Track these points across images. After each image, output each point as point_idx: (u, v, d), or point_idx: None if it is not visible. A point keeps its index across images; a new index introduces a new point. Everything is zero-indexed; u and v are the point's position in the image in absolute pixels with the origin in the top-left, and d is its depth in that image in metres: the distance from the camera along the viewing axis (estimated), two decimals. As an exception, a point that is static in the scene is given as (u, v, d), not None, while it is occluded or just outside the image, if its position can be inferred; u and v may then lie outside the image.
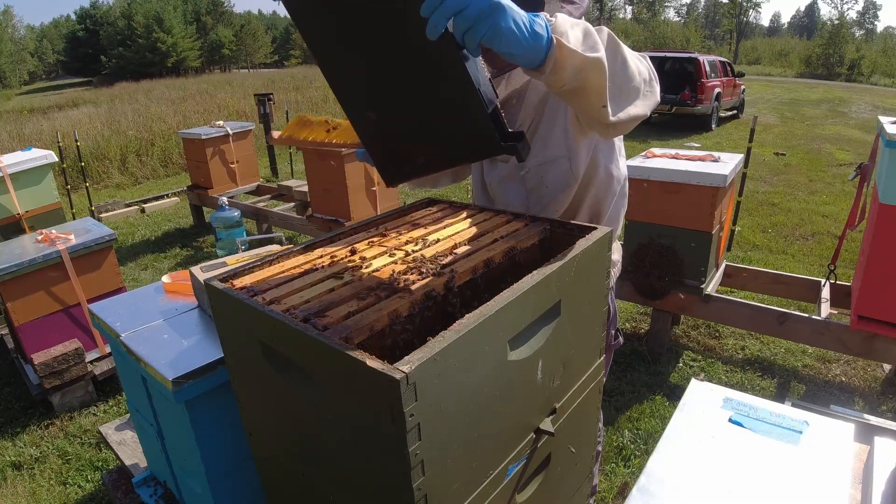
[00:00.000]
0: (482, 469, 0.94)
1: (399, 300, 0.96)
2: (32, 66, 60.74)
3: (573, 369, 1.17)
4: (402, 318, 0.96)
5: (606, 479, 2.47)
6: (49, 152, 3.92)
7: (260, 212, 5.40)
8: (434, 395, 0.78)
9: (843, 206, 6.24)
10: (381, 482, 0.85)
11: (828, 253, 4.88)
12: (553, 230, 1.24)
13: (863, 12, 77.16)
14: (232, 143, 5.95)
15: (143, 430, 1.76)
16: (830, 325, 2.88)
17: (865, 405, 2.94)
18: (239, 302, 0.96)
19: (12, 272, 2.83)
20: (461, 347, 0.81)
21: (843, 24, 42.25)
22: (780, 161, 8.76)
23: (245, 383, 1.11)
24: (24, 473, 2.65)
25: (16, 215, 3.71)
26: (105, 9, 57.75)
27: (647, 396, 3.01)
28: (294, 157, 8.15)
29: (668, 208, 3.15)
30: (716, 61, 12.59)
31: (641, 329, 3.76)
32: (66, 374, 2.96)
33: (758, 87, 22.68)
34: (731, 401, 1.16)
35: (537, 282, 0.95)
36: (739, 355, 3.45)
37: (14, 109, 20.10)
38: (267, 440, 1.14)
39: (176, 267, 5.15)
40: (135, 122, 11.37)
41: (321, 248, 1.22)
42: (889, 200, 2.57)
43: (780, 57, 45.91)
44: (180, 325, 1.54)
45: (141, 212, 7.11)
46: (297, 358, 0.89)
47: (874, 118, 7.80)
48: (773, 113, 15.02)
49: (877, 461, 1.00)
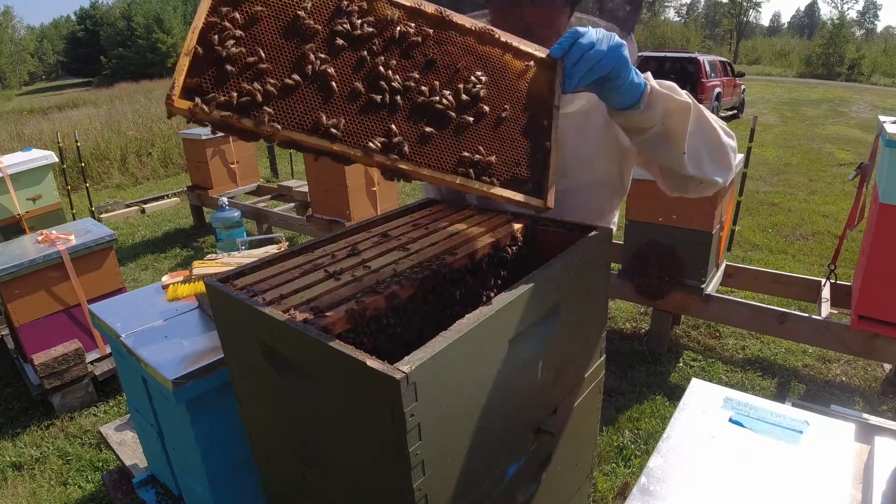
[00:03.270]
0: (482, 469, 0.94)
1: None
2: (32, 66, 60.78)
3: (573, 369, 1.17)
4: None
5: (606, 479, 2.47)
6: (49, 153, 3.92)
7: (260, 212, 5.40)
8: (434, 395, 0.78)
9: (843, 205, 6.24)
10: (382, 482, 0.85)
11: (828, 253, 4.88)
12: (553, 230, 1.24)
13: (863, 12, 77.17)
14: (232, 144, 5.95)
15: (143, 430, 1.76)
16: (831, 325, 2.88)
17: (866, 405, 2.94)
18: (239, 302, 0.96)
19: (12, 272, 2.84)
20: (461, 347, 0.81)
21: (843, 23, 42.22)
22: (780, 161, 8.76)
23: (245, 383, 1.11)
24: (24, 474, 2.65)
25: (16, 216, 3.71)
26: (105, 9, 57.77)
27: (648, 396, 3.01)
28: (294, 158, 8.15)
29: (669, 208, 3.15)
30: (716, 61, 12.60)
31: (641, 329, 3.76)
32: (66, 374, 2.96)
33: (758, 87, 22.68)
34: (731, 401, 1.16)
35: (537, 282, 0.95)
36: (739, 355, 3.45)
37: (14, 110, 20.13)
38: (267, 440, 1.14)
39: (176, 267, 5.15)
40: (135, 122, 11.37)
41: (321, 248, 1.22)
42: (889, 200, 2.57)
43: (780, 57, 45.90)
44: (180, 326, 1.54)
45: (141, 212, 7.11)
46: (297, 358, 0.89)
47: (874, 118, 7.80)
48: (773, 113, 15.02)
49: (877, 461, 1.00)
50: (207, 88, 0.82)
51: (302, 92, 0.88)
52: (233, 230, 2.83)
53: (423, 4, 0.97)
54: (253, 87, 0.84)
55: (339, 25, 0.91)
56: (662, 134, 1.07)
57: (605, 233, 1.16)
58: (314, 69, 0.88)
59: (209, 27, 0.84)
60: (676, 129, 1.06)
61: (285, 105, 0.87)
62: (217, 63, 0.83)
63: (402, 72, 0.95)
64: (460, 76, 0.99)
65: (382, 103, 0.93)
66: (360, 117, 0.92)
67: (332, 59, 0.90)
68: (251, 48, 0.86)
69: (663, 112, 1.03)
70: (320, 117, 0.88)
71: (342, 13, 0.92)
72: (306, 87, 0.88)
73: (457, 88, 0.99)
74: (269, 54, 0.87)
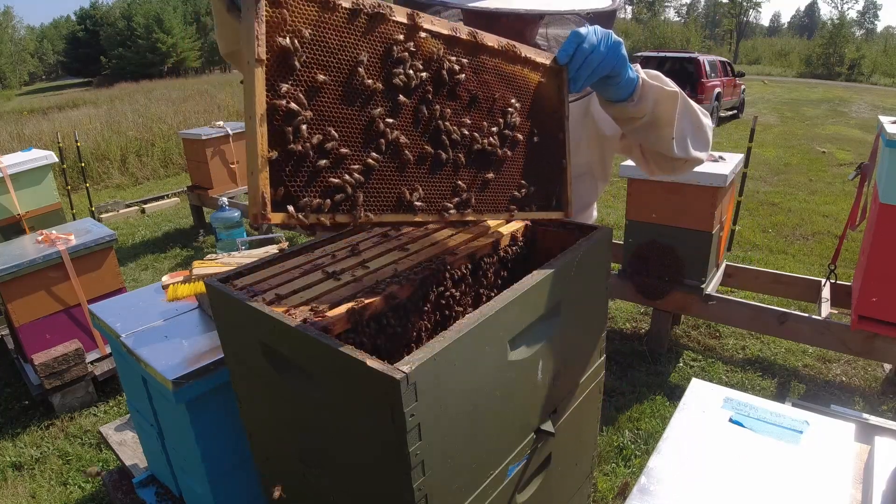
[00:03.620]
0: (482, 469, 0.94)
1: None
2: (32, 66, 60.77)
3: (573, 369, 1.17)
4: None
5: (606, 479, 2.47)
6: (49, 153, 3.92)
7: (260, 212, 5.39)
8: (434, 396, 0.78)
9: (843, 205, 6.24)
10: (382, 482, 0.85)
11: (828, 253, 4.88)
12: (553, 230, 1.24)
13: (863, 12, 77.16)
14: (232, 144, 5.94)
15: (143, 430, 1.76)
16: (831, 325, 2.88)
17: (866, 405, 2.94)
18: (239, 302, 0.96)
19: (12, 273, 2.84)
20: (461, 347, 0.81)
21: (843, 23, 42.21)
22: (780, 161, 8.76)
23: (245, 383, 1.11)
24: (24, 474, 2.65)
25: (16, 216, 3.71)
26: (105, 9, 57.77)
27: (647, 396, 3.01)
28: (294, 158, 8.14)
29: (669, 208, 3.15)
30: (716, 61, 12.60)
31: (641, 329, 3.76)
32: (66, 374, 2.96)
33: (758, 87, 22.68)
34: (731, 401, 1.16)
35: (537, 282, 0.95)
36: (740, 355, 3.45)
37: (14, 110, 20.11)
38: (267, 440, 1.14)
39: (176, 267, 5.15)
40: (135, 122, 11.37)
41: (321, 248, 1.22)
42: (889, 200, 2.57)
43: (780, 57, 45.90)
44: (180, 326, 1.54)
45: (141, 212, 7.11)
46: (297, 358, 0.89)
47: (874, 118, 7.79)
48: (773, 113, 15.02)
49: (877, 461, 1.00)
50: (296, 192, 0.75)
51: (381, 169, 0.83)
52: (233, 230, 2.83)
53: (458, 29, 0.92)
54: (342, 180, 0.78)
55: (396, 78, 0.84)
56: (652, 122, 1.12)
57: (605, 233, 1.16)
58: (387, 140, 0.83)
59: (272, 110, 0.72)
60: (666, 117, 1.12)
61: (370, 188, 0.82)
62: (297, 160, 0.75)
63: (454, 118, 0.92)
64: (498, 106, 0.98)
65: (447, 160, 0.91)
66: (430, 179, 0.89)
67: (398, 121, 0.85)
68: (324, 130, 0.77)
69: (654, 102, 1.09)
70: (403, 192, 0.85)
71: (394, 60, 0.84)
72: (384, 162, 0.83)
73: (498, 122, 0.98)
74: (340, 132, 0.78)
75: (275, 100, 0.72)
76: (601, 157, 1.40)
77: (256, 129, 0.70)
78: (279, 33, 0.72)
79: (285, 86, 0.73)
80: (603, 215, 6.17)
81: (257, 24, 0.69)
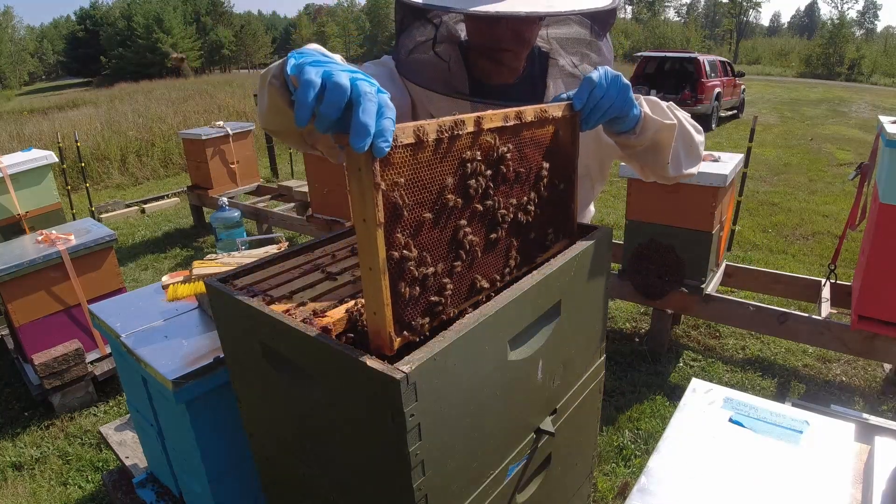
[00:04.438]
0: (482, 469, 0.94)
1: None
2: (32, 66, 60.82)
3: (573, 369, 1.17)
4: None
5: (606, 479, 2.47)
6: (49, 153, 3.92)
7: (260, 212, 5.40)
8: (434, 395, 0.78)
9: (843, 205, 6.25)
10: (382, 482, 0.85)
11: (828, 253, 4.88)
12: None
13: (863, 12, 77.11)
14: (232, 144, 5.95)
15: (143, 430, 1.76)
16: (831, 325, 2.88)
17: (866, 405, 2.94)
18: (239, 302, 0.96)
19: (12, 273, 2.83)
20: (461, 347, 0.81)
21: (843, 23, 42.21)
22: (779, 161, 8.76)
23: (245, 383, 1.11)
24: (24, 474, 2.65)
25: (16, 216, 3.71)
26: (105, 9, 57.82)
27: (647, 396, 3.01)
28: (294, 158, 8.15)
29: (669, 208, 3.15)
30: (716, 61, 12.59)
31: (641, 329, 3.76)
32: (66, 374, 2.96)
33: (758, 87, 22.69)
34: (731, 401, 1.16)
35: (537, 282, 0.95)
36: (739, 355, 3.45)
37: (14, 110, 20.13)
38: (267, 440, 1.14)
39: (176, 267, 5.15)
40: (135, 122, 11.36)
41: (321, 248, 1.22)
42: (889, 200, 2.57)
43: (780, 57, 45.92)
44: (180, 326, 1.54)
45: (141, 212, 7.11)
46: (297, 358, 0.89)
47: (874, 118, 7.80)
48: (773, 113, 15.03)
49: (877, 461, 1.00)
50: (409, 320, 0.82)
51: (460, 270, 0.90)
52: (233, 230, 2.83)
53: (508, 116, 0.93)
54: (441, 297, 0.86)
55: (471, 189, 0.88)
56: (650, 148, 1.21)
57: (605, 233, 1.16)
58: (468, 249, 0.89)
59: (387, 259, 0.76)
60: (663, 144, 1.21)
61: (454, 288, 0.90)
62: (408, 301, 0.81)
63: (504, 199, 0.95)
64: (534, 173, 1.01)
65: (498, 240, 0.96)
66: (488, 260, 0.96)
67: (472, 225, 0.90)
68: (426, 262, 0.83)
69: (654, 132, 1.16)
70: (475, 281, 0.93)
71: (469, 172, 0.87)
72: (463, 264, 0.90)
73: (537, 189, 1.02)
74: (433, 256, 0.84)
75: (390, 251, 0.76)
76: (600, 163, 1.46)
77: (380, 280, 0.74)
78: (390, 190, 0.74)
79: (400, 237, 0.78)
80: (603, 215, 6.17)
81: (375, 190, 0.70)
